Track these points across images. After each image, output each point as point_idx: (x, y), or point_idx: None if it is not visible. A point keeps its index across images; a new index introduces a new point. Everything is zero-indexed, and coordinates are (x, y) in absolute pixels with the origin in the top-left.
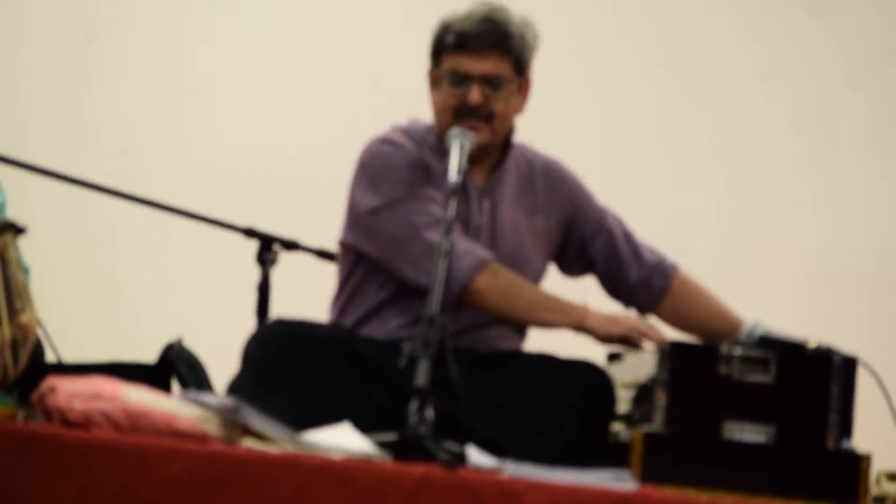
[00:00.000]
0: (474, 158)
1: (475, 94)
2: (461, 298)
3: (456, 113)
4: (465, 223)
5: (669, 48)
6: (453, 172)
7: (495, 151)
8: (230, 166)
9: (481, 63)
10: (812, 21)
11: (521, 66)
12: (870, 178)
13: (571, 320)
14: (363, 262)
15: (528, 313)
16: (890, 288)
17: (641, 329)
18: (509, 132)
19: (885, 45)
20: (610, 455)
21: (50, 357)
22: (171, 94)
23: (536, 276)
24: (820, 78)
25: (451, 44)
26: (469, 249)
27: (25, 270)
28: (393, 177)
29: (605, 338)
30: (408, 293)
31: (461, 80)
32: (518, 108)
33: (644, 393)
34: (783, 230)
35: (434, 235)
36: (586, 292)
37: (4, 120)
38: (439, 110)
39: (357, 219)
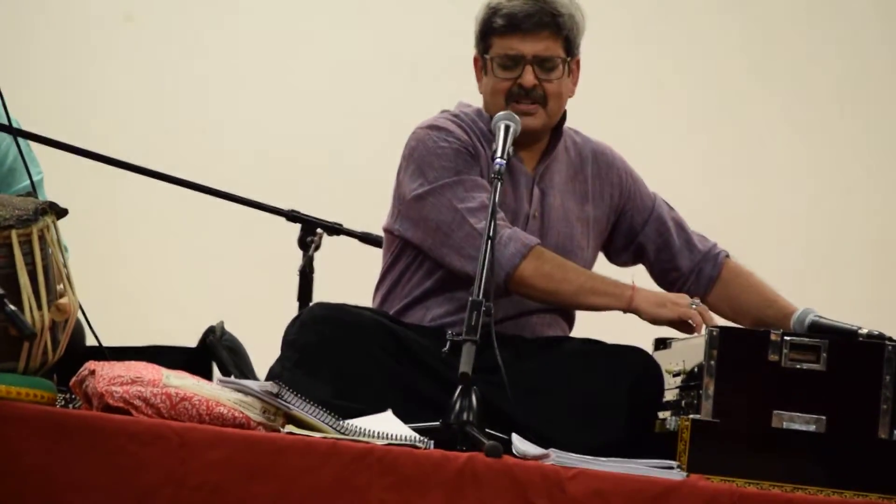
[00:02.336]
0: (524, 144)
1: (529, 76)
2: (507, 285)
3: (509, 96)
4: (515, 212)
5: (715, 31)
6: (498, 155)
7: (546, 137)
8: (273, 149)
9: (533, 43)
10: (861, 2)
11: (571, 47)
12: None
13: (620, 303)
14: (409, 249)
15: (575, 297)
16: None
17: (691, 314)
18: (561, 117)
19: None
20: (657, 443)
21: (90, 341)
22: (215, 76)
23: (586, 265)
24: (870, 61)
25: (500, 26)
26: (514, 235)
27: (65, 249)
28: (439, 163)
29: (653, 320)
30: (453, 282)
31: (513, 62)
32: (570, 91)
33: (692, 380)
34: (834, 218)
35: (480, 222)
36: (634, 275)
37: (44, 101)
38: (491, 94)
39: (403, 205)
